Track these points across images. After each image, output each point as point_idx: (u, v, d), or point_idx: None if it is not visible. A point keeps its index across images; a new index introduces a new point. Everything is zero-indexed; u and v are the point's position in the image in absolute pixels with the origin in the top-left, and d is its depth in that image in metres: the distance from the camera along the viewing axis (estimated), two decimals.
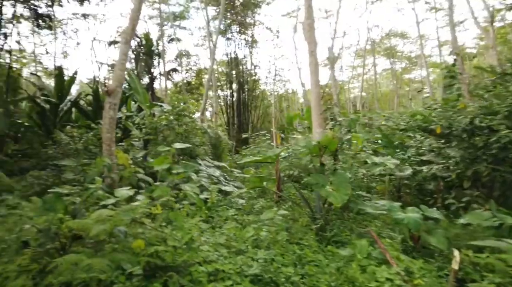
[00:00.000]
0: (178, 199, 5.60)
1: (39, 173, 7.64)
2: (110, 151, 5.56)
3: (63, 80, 12.57)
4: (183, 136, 8.32)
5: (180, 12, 18.64)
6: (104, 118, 5.57)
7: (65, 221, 3.21)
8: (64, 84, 12.62)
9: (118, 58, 5.73)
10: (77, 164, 6.98)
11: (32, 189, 6.91)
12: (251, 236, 4.09)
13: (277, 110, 23.47)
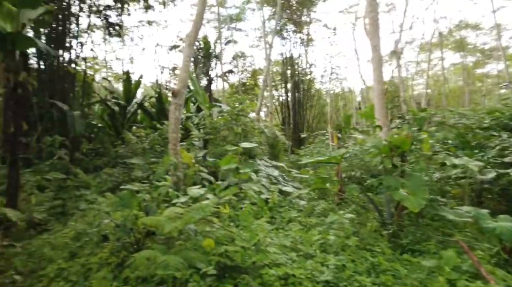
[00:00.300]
0: (239, 199, 5.62)
1: (111, 171, 8.20)
2: (176, 151, 5.74)
3: (130, 84, 13.48)
4: (241, 135, 8.36)
5: (236, 14, 19.02)
6: (169, 119, 5.77)
7: (140, 217, 3.33)
8: (131, 88, 13.53)
9: (182, 60, 5.91)
10: (144, 163, 7.36)
11: (105, 185, 7.44)
12: (317, 240, 3.91)
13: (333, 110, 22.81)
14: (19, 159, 4.96)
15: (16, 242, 4.49)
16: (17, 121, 4.91)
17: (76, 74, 11.99)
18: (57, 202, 6.40)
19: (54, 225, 5.29)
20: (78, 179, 7.98)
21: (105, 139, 13.48)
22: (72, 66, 11.45)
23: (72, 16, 11.46)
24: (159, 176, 5.19)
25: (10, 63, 4.69)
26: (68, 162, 8.60)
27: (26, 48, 4.83)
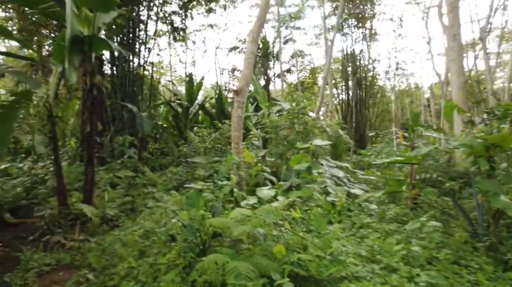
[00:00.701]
0: (302, 201, 5.28)
1: (176, 169, 8.39)
2: (238, 149, 5.60)
3: (192, 86, 13.88)
4: (303, 134, 8.01)
5: (295, 12, 18.66)
6: (232, 117, 5.65)
7: (207, 218, 3.18)
8: (193, 90, 13.94)
9: (245, 57, 5.76)
10: (207, 161, 7.39)
11: (170, 183, 7.62)
12: (399, 250, 3.42)
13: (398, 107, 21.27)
14: (94, 157, 5.20)
15: (91, 237, 4.69)
16: (93, 121, 5.15)
17: (144, 78, 12.63)
18: (127, 199, 6.67)
19: (125, 221, 5.47)
20: (145, 177, 8.31)
21: (169, 139, 14.06)
22: (141, 70, 12.07)
23: (141, 23, 12.10)
24: (222, 175, 5.08)
25: (87, 66, 4.93)
26: (137, 160, 9.01)
27: (101, 50, 5.03)
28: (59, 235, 4.74)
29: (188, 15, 12.68)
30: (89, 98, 5.05)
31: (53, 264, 3.78)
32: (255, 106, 15.18)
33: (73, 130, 10.80)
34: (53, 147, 5.15)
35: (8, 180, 7.68)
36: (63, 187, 5.14)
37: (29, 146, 10.53)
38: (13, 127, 5.36)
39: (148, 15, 12.40)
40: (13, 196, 6.14)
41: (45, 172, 8.19)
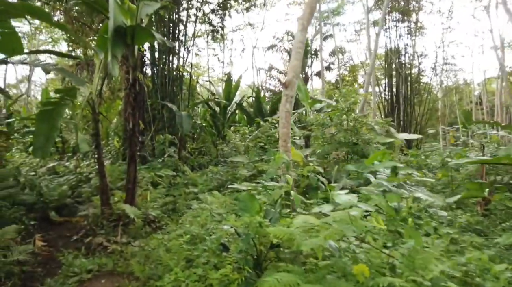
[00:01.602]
0: None
1: (216, 169, 8.00)
2: (286, 148, 5.05)
3: (231, 85, 13.55)
4: (352, 132, 7.30)
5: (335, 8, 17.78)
6: (280, 112, 5.11)
7: (264, 226, 2.67)
8: (231, 89, 13.60)
9: (293, 47, 5.21)
10: (249, 161, 6.92)
11: (211, 183, 7.23)
12: (502, 271, 2.70)
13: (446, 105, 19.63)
14: (136, 155, 4.89)
15: (133, 240, 4.36)
16: (135, 118, 4.85)
17: (183, 77, 12.47)
18: (168, 199, 6.36)
19: (167, 223, 5.11)
20: (186, 177, 8.00)
21: (207, 138, 13.83)
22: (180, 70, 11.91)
23: (180, 23, 11.94)
24: (271, 175, 4.56)
25: (130, 59, 4.63)
26: (177, 160, 8.75)
27: (144, 42, 4.72)
28: (102, 236, 4.46)
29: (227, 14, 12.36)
30: (131, 93, 4.74)
31: (95, 270, 3.45)
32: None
33: (115, 129, 10.82)
34: (96, 145, 4.91)
35: (55, 178, 7.68)
36: (106, 186, 4.88)
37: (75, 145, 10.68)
38: (58, 124, 5.19)
39: (188, 15, 12.22)
40: (58, 195, 6.02)
41: (89, 171, 8.14)
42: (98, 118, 4.91)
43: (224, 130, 13.32)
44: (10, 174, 5.35)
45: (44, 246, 4.75)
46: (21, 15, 3.16)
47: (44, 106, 5.02)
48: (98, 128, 4.89)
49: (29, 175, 6.66)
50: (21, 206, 4.86)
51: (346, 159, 7.15)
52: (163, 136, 9.12)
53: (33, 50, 5.33)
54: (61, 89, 4.79)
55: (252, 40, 32.19)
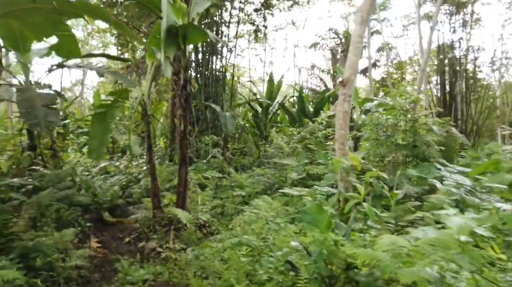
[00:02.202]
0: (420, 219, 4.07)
1: (263, 171, 7.72)
2: (344, 151, 4.62)
3: (273, 85, 13.24)
4: (410, 133, 6.65)
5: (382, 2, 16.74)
6: (336, 112, 4.70)
7: (341, 244, 2.30)
8: (273, 88, 13.29)
9: (352, 41, 4.76)
10: (298, 163, 6.54)
11: (258, 186, 6.95)
12: None
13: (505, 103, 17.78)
14: (187, 158, 4.73)
15: (186, 246, 4.18)
16: (186, 119, 4.68)
17: (226, 78, 12.37)
18: (216, 202, 6.17)
19: (218, 228, 4.91)
20: (231, 179, 7.81)
21: (248, 139, 13.63)
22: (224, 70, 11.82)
23: (223, 24, 11.84)
24: (330, 181, 4.18)
25: (182, 58, 4.47)
26: (223, 161, 8.59)
27: (196, 42, 4.52)
28: (154, 241, 4.33)
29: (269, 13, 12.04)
30: (182, 95, 4.58)
31: (151, 279, 3.28)
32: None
33: (162, 130, 10.92)
34: (147, 147, 4.81)
35: (107, 178, 7.83)
36: (157, 189, 4.76)
37: (124, 145, 10.94)
38: (111, 126, 5.18)
39: (230, 16, 12.08)
40: (111, 195, 6.06)
41: (138, 171, 8.22)
42: (149, 120, 4.80)
43: (266, 131, 13.04)
44: (67, 175, 5.43)
45: (99, 247, 4.75)
46: (80, 15, 3.10)
47: (98, 109, 5.02)
48: (149, 130, 4.79)
49: (84, 175, 6.81)
50: (77, 207, 4.88)
51: (404, 162, 6.53)
52: (208, 137, 8.99)
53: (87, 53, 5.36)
54: (114, 91, 4.74)
55: (294, 39, 31.57)
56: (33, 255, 3.14)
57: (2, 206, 3.51)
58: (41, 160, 5.76)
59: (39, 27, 3.25)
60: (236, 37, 12.74)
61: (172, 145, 9.24)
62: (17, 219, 3.57)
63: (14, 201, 3.98)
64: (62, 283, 3.19)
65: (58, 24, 3.49)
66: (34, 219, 3.91)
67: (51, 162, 5.98)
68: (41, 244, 3.19)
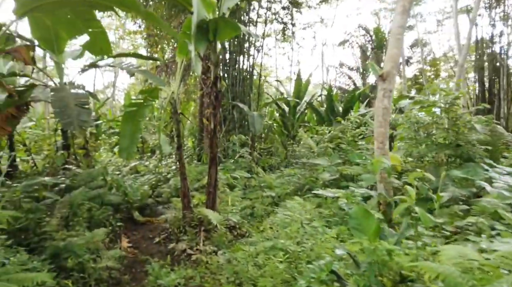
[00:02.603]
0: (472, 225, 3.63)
1: (293, 171, 7.44)
2: (384, 150, 4.27)
3: (300, 83, 12.92)
4: (452, 131, 6.15)
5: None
6: (376, 109, 4.35)
7: (395, 255, 2.02)
8: (301, 87, 12.96)
9: (392, 33, 4.41)
10: (330, 163, 6.22)
11: (288, 187, 6.69)
12: None
13: None
14: (217, 157, 4.56)
15: (216, 248, 4.00)
16: (216, 117, 4.51)
17: (253, 77, 12.19)
18: (246, 203, 5.98)
19: (249, 230, 4.70)
20: (260, 179, 7.60)
21: (274, 139, 13.37)
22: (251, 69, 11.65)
23: (250, 23, 11.67)
24: (370, 182, 3.86)
25: (212, 55, 4.30)
26: (251, 160, 8.40)
27: (228, 36, 4.39)
28: (184, 242, 4.19)
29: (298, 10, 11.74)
30: (212, 92, 4.41)
31: (182, 284, 3.12)
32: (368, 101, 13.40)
33: (190, 129, 10.90)
34: (177, 146, 4.69)
35: (137, 177, 7.86)
36: (187, 189, 4.63)
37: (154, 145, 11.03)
38: (141, 125, 5.12)
39: (258, 15, 11.90)
40: (141, 195, 6.02)
41: (167, 171, 8.19)
42: (179, 119, 4.68)
43: (293, 130, 12.73)
44: (99, 174, 5.43)
45: (129, 247, 4.69)
46: (110, 7, 3.01)
47: (128, 107, 4.97)
48: (179, 129, 4.67)
49: (115, 174, 6.84)
50: (108, 206, 4.85)
51: (447, 163, 6.04)
52: (236, 136, 8.84)
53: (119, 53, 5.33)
54: (144, 90, 4.65)
55: (322, 37, 30.93)
56: (64, 255, 3.07)
57: (36, 205, 3.49)
58: (74, 159, 5.81)
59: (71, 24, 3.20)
60: (263, 37, 12.54)
61: (200, 145, 9.17)
62: (50, 218, 3.54)
63: (47, 200, 3.97)
64: (93, 285, 3.10)
65: (90, 21, 3.43)
66: (67, 218, 3.88)
67: (84, 161, 6.03)
68: (73, 244, 3.11)
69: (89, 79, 56.32)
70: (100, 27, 3.49)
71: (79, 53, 6.42)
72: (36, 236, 3.31)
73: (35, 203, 3.57)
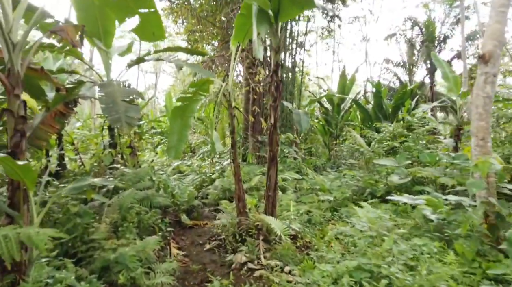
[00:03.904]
0: None
1: (352, 173, 6.64)
2: (486, 148, 3.40)
3: (345, 80, 12.02)
4: None
5: None
6: (475, 97, 3.49)
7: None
8: (346, 84, 12.06)
9: (493, 5, 3.54)
10: (398, 165, 5.36)
11: (346, 190, 5.91)
12: None
13: None
14: (278, 157, 3.91)
15: (280, 262, 3.36)
16: (276, 110, 3.87)
17: (295, 74, 11.48)
18: (301, 207, 5.30)
19: (312, 239, 4.02)
20: (311, 181, 6.88)
21: (316, 139, 12.55)
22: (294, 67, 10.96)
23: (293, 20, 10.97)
24: (478, 188, 3.02)
25: (273, 39, 3.68)
26: (300, 161, 7.70)
27: (292, 15, 3.68)
28: (242, 253, 3.59)
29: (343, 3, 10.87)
30: (273, 82, 3.78)
31: None
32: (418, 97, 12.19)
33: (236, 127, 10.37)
34: (231, 144, 4.11)
35: (181, 177, 7.46)
36: (242, 192, 4.04)
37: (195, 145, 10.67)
38: (190, 122, 4.61)
39: None
40: (188, 196, 5.54)
41: (211, 171, 7.71)
42: (234, 113, 4.10)
43: (337, 130, 11.85)
44: (146, 174, 5.01)
45: (180, 254, 4.19)
46: None
47: (178, 102, 4.47)
48: (234, 125, 4.09)
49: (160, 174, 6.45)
50: (157, 209, 4.38)
51: None
52: (284, 135, 8.18)
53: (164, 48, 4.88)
54: (194, 83, 4.12)
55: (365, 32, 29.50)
56: (115, 269, 2.57)
57: (84, 208, 3.05)
58: (121, 158, 5.45)
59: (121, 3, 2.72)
60: (306, 33, 11.79)
61: (245, 144, 8.62)
62: (99, 223, 3.08)
63: (95, 202, 3.55)
64: None
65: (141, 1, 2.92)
66: (116, 222, 3.42)
67: (130, 161, 5.66)
68: (124, 256, 2.61)
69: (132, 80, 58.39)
70: (152, 6, 3.01)
71: (126, 49, 6.10)
72: (84, 244, 2.86)
73: (83, 206, 3.14)
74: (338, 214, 5.20)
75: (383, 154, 6.52)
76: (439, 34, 13.33)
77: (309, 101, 9.94)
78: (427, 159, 5.40)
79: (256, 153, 8.25)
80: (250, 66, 6.59)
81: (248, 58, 6.47)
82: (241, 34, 3.85)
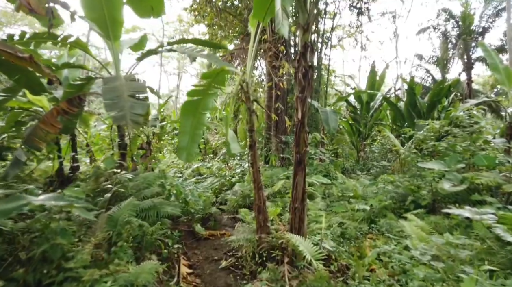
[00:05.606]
0: None
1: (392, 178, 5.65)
2: None
3: (375, 76, 10.92)
4: None
5: None
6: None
7: None
8: (376, 81, 10.96)
9: None
10: (449, 169, 4.35)
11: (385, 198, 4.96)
12: None
13: None
14: (306, 161, 3.07)
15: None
16: (305, 103, 3.04)
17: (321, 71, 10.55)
18: (332, 218, 4.42)
19: (349, 262, 3.15)
20: (341, 185, 5.97)
21: (343, 139, 11.53)
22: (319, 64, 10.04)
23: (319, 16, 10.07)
24: None
25: (301, 14, 2.86)
26: (329, 164, 6.80)
27: None
28: (262, 282, 2.78)
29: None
30: (301, 68, 2.95)
31: None
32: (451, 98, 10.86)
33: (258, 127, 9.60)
34: (251, 144, 3.32)
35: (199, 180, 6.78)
36: (263, 203, 3.24)
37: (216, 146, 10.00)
38: (204, 119, 3.88)
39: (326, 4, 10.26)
40: (203, 202, 4.82)
41: (231, 174, 6.97)
42: (253, 109, 3.32)
43: (366, 129, 10.78)
44: (156, 178, 4.33)
45: (190, 274, 3.46)
46: None
47: (190, 96, 3.74)
48: (253, 121, 3.30)
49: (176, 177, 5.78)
50: (165, 219, 3.68)
51: None
52: (311, 135, 7.30)
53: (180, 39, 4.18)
54: (208, 73, 3.37)
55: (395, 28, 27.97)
56: None
57: (66, 225, 2.36)
58: (131, 161, 4.80)
59: None
60: (332, 30, 10.84)
61: (267, 145, 7.82)
62: (83, 244, 2.38)
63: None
64: None
65: None
66: (109, 239, 2.72)
67: (142, 164, 5.02)
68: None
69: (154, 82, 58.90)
70: None
71: (138, 41, 5.50)
72: (60, 272, 2.17)
73: (66, 222, 2.46)
74: (376, 227, 4.28)
75: (419, 155, 5.49)
76: (474, 27, 11.90)
77: (337, 99, 8.98)
78: (484, 163, 4.36)
79: (279, 154, 7.41)
80: (273, 59, 5.79)
81: (271, 50, 5.67)
82: (261, 11, 3.07)
